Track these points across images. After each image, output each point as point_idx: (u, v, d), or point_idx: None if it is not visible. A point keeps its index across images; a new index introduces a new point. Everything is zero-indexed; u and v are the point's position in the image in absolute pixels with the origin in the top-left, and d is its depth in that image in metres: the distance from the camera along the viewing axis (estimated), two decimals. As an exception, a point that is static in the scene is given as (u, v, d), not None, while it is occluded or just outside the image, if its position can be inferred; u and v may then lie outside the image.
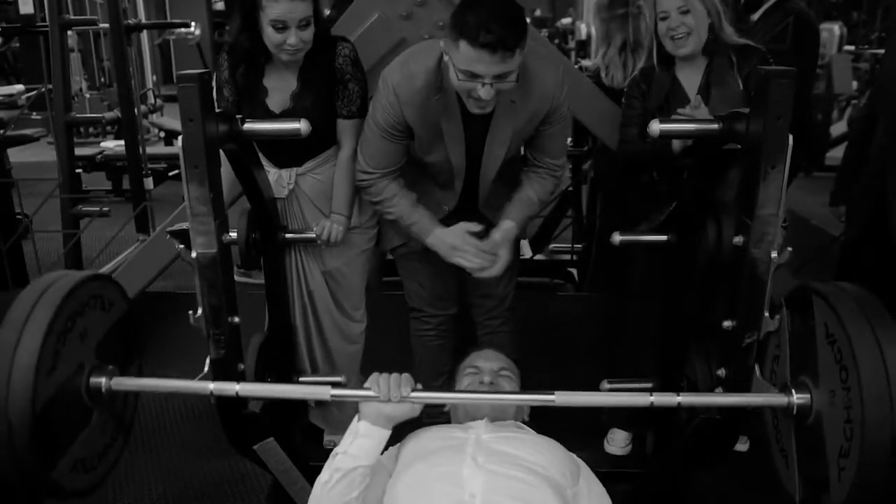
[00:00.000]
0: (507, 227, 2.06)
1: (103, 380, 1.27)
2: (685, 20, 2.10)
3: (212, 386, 1.40)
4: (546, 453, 1.48)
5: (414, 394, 1.43)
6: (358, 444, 1.44)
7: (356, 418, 1.47)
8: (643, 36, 2.83)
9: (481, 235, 2.06)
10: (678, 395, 1.45)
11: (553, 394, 1.43)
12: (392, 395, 1.41)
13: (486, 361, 1.77)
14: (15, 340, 1.13)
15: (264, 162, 2.16)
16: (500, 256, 2.05)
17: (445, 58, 1.84)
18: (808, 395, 1.45)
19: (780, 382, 1.57)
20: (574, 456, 1.56)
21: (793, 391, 1.47)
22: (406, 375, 1.45)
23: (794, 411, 1.46)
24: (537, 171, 2.11)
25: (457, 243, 2.03)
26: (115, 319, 1.39)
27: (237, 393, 1.39)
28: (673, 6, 2.11)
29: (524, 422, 1.69)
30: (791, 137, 1.41)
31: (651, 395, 1.45)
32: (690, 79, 2.20)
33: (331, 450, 2.45)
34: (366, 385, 1.44)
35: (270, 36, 1.98)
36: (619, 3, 2.91)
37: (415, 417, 1.47)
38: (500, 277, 2.15)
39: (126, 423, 1.42)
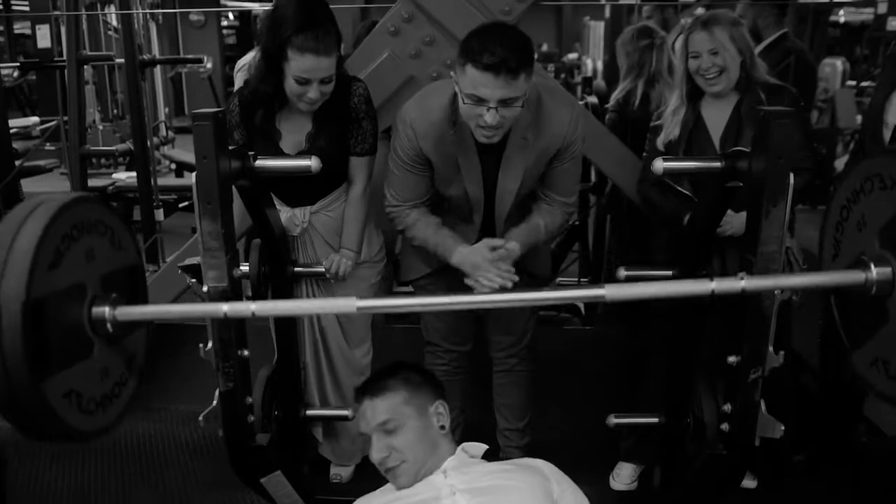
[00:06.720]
0: (509, 245, 2.02)
1: (107, 308, 1.16)
2: (716, 60, 2.12)
3: (226, 308, 1.27)
4: (524, 491, 1.42)
5: None
6: None
7: None
8: (664, 66, 2.93)
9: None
10: (741, 281, 1.23)
11: (603, 287, 1.23)
12: None
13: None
14: (21, 219, 1.05)
15: (276, 202, 2.18)
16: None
17: (456, 88, 1.88)
18: (890, 269, 1.14)
19: (853, 257, 1.25)
20: (542, 472, 1.50)
21: (871, 265, 1.17)
22: None
23: (874, 290, 1.16)
24: (549, 204, 2.11)
25: (479, 262, 1.99)
26: (124, 264, 1.27)
27: (253, 313, 1.25)
28: (704, 47, 2.13)
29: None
30: (792, 176, 1.44)
31: (712, 282, 1.21)
32: (715, 116, 2.21)
33: (337, 483, 2.48)
34: None
35: (292, 87, 2.02)
36: (644, 35, 2.99)
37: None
38: (520, 313, 2.14)
39: (134, 370, 1.28)
